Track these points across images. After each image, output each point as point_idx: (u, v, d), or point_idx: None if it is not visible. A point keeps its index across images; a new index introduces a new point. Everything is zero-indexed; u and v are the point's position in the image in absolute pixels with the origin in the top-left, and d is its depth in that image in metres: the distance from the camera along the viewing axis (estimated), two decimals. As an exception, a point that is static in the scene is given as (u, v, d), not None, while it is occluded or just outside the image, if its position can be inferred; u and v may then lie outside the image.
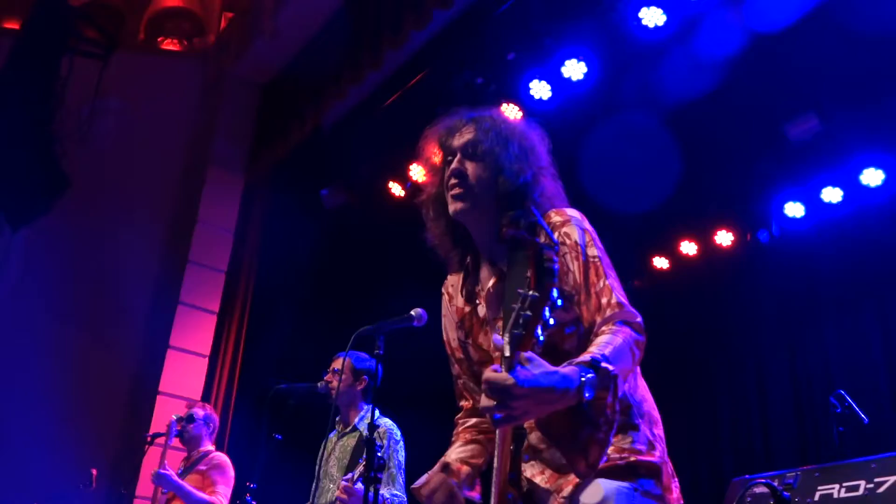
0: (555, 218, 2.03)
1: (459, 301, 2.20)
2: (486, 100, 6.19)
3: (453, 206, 2.07)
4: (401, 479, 4.04)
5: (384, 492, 3.82)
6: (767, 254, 6.88)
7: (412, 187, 6.98)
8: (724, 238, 6.93)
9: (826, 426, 4.81)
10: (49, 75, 6.49)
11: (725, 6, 5.27)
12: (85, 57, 7.05)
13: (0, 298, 7.17)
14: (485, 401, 1.56)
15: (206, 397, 6.82)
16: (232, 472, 4.94)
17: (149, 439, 5.42)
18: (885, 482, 1.79)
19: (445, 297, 2.30)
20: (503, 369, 1.54)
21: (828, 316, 6.81)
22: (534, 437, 1.90)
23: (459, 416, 2.25)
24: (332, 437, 4.33)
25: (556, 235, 1.95)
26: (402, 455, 4.11)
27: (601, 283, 1.89)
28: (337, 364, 4.24)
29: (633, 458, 1.83)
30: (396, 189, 7.08)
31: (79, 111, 7.07)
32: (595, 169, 6.34)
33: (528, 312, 1.53)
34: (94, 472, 5.37)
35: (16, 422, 6.64)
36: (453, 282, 2.28)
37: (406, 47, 6.14)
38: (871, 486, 1.81)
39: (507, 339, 1.56)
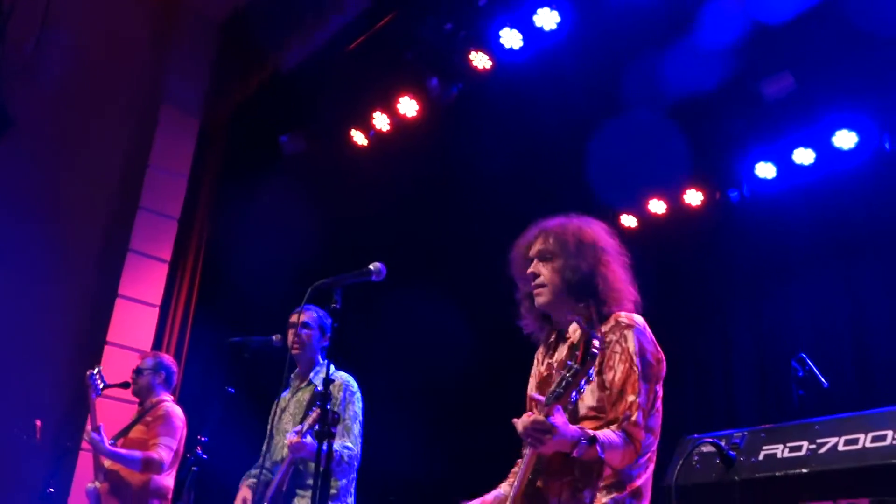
0: (622, 319, 2.55)
1: (543, 367, 2.74)
2: (455, 47, 6.21)
3: (537, 301, 2.67)
4: (356, 431, 4.13)
5: (336, 444, 3.92)
6: (737, 214, 6.98)
7: (375, 136, 6.98)
8: (693, 197, 7.03)
9: (787, 389, 4.97)
10: (-10, 7, 6.35)
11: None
12: (29, -13, 6.89)
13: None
14: (524, 432, 2.22)
15: (156, 348, 6.83)
16: (180, 423, 4.95)
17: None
18: (826, 443, 1.91)
19: (535, 362, 2.82)
20: (542, 413, 2.19)
21: (795, 279, 6.96)
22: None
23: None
24: (286, 395, 4.39)
25: (616, 335, 2.49)
26: (358, 406, 4.19)
27: (631, 399, 2.38)
28: (294, 318, 4.29)
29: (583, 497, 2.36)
30: (359, 137, 7.07)
31: (23, 47, 6.92)
32: (563, 123, 6.41)
33: (570, 378, 2.18)
34: (39, 423, 5.37)
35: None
36: (539, 351, 2.82)
37: (373, -12, 6.12)
38: (813, 446, 1.92)
39: (550, 394, 2.20)
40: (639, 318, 2.57)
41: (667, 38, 5.76)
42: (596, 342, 2.19)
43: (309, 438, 3.81)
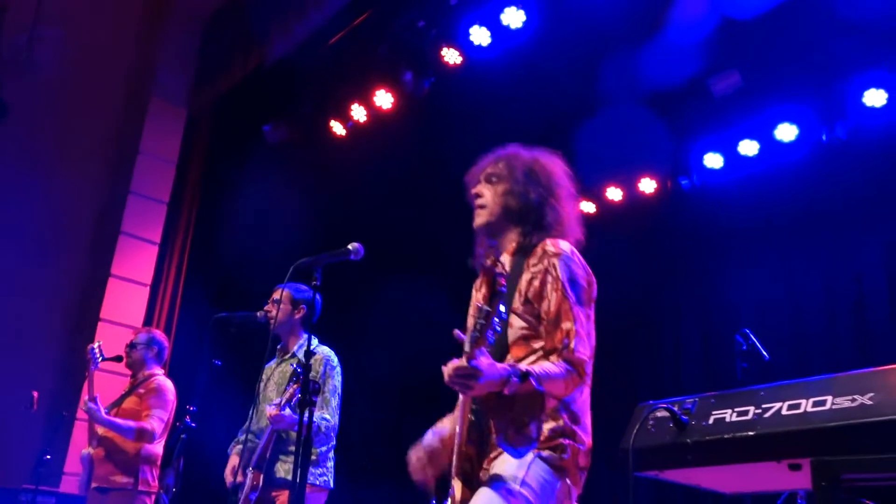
0: (549, 248, 2.39)
1: (479, 295, 2.47)
2: (428, 43, 6.17)
3: (475, 222, 2.52)
4: (334, 403, 4.12)
5: (315, 416, 3.90)
6: (687, 201, 7.03)
7: (353, 126, 6.94)
8: (647, 185, 7.07)
9: (731, 361, 5.02)
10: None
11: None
12: (23, -18, 6.74)
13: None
14: (450, 379, 2.08)
15: (147, 325, 6.78)
16: (171, 396, 4.92)
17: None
18: (770, 408, 1.91)
19: (473, 290, 2.62)
20: (464, 359, 2.05)
21: (739, 260, 7.02)
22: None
23: None
24: (272, 364, 4.37)
25: (546, 263, 2.35)
26: (338, 380, 4.18)
27: (567, 326, 2.26)
28: (276, 294, 4.26)
29: (548, 438, 2.24)
30: (338, 128, 7.02)
31: (17, 40, 6.79)
32: (528, 115, 6.39)
33: (483, 321, 2.05)
34: (36, 394, 5.31)
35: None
36: (478, 280, 2.59)
37: (351, -15, 6.06)
38: (758, 411, 1.93)
39: (468, 339, 2.07)
40: (565, 245, 2.41)
41: (625, 38, 5.76)
42: (501, 280, 2.09)
43: (287, 411, 3.81)
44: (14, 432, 5.88)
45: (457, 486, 2.21)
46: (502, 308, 2.06)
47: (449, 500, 2.24)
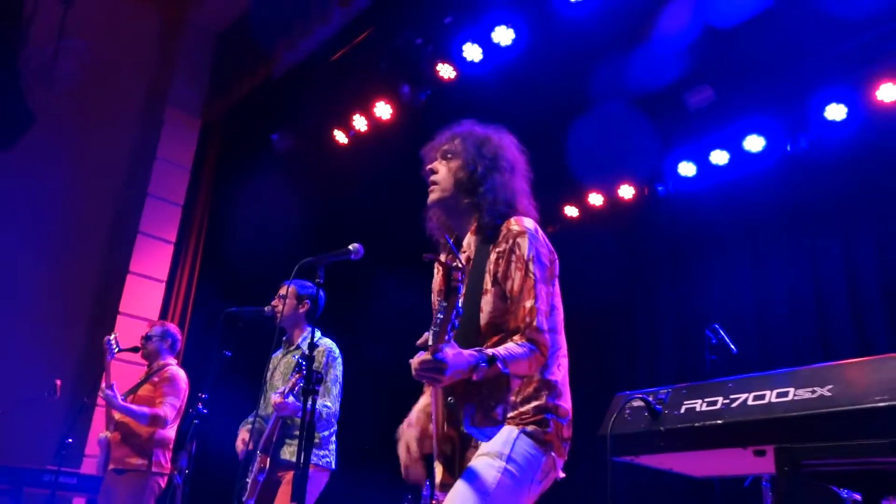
0: (513, 226, 2.25)
1: (438, 278, 2.44)
2: (424, 59, 6.16)
3: (429, 199, 2.37)
4: (335, 391, 4.11)
5: (317, 403, 3.90)
6: (662, 206, 7.07)
7: (355, 135, 6.93)
8: (626, 191, 7.10)
9: (702, 354, 5.03)
10: (13, 16, 6.16)
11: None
12: (49, -1, 6.70)
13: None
14: (417, 374, 1.98)
15: (163, 318, 6.76)
16: (183, 385, 4.91)
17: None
18: (737, 398, 1.92)
19: (435, 273, 2.48)
20: (429, 353, 1.93)
21: (709, 261, 7.05)
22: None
23: None
24: (278, 354, 4.37)
25: (510, 243, 2.21)
26: (339, 370, 4.17)
27: (529, 304, 2.14)
28: (282, 290, 4.26)
29: (531, 415, 2.17)
30: (340, 136, 7.02)
31: (43, 51, 6.75)
32: (517, 126, 6.38)
33: (443, 316, 1.93)
34: (59, 382, 5.29)
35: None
36: (438, 263, 2.44)
37: (353, 6, 6.03)
38: (726, 401, 1.93)
39: (431, 334, 1.95)
40: (528, 223, 2.27)
41: (606, 56, 5.77)
42: (457, 274, 1.92)
43: (291, 399, 3.81)
44: (38, 417, 5.85)
45: (438, 469, 2.17)
46: (460, 303, 1.93)
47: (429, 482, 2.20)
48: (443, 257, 2.31)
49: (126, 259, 6.93)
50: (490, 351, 2.05)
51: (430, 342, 1.95)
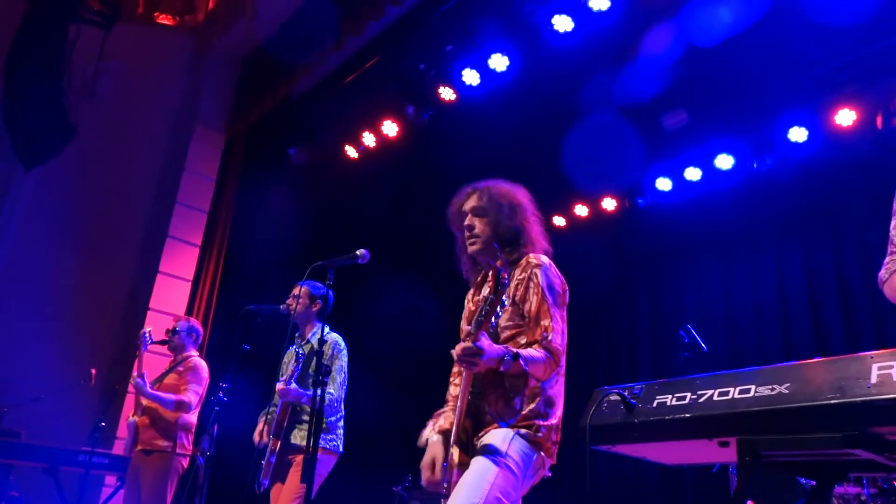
0: (532, 260, 2.47)
1: (472, 305, 2.64)
2: (427, 82, 6.17)
3: (471, 249, 2.57)
4: (339, 379, 4.07)
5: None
6: (641, 217, 7.06)
7: (364, 151, 6.94)
8: (608, 204, 7.10)
9: (676, 352, 5.02)
10: (59, 39, 6.18)
11: (627, 23, 5.33)
12: (90, 25, 6.73)
13: (14, 227, 6.92)
14: (458, 358, 2.16)
15: (188, 314, 6.75)
16: (205, 374, 4.89)
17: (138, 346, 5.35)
18: (704, 394, 1.91)
19: (466, 301, 2.69)
20: (469, 340, 2.13)
21: (683, 267, 7.06)
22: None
23: (452, 375, 2.64)
24: (292, 349, 4.36)
25: (528, 272, 2.42)
26: (344, 361, 4.12)
27: (546, 323, 2.33)
28: (296, 290, 4.25)
29: (525, 419, 2.30)
30: (351, 151, 7.03)
31: (84, 71, 6.77)
32: (511, 143, 6.41)
33: (488, 308, 2.11)
34: (94, 371, 5.29)
35: (29, 330, 6.49)
36: (470, 292, 2.69)
37: (363, 35, 6.05)
38: (694, 396, 1.93)
39: (473, 322, 2.14)
40: (544, 258, 2.49)
41: (588, 81, 5.78)
42: (504, 274, 2.16)
43: (294, 385, 3.81)
44: (74, 402, 5.84)
45: (455, 451, 2.27)
46: (504, 299, 2.12)
47: (447, 463, 2.29)
48: (497, 263, 2.49)
49: (156, 260, 6.93)
50: (514, 349, 2.23)
51: (471, 329, 2.13)
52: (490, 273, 2.51)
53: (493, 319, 2.10)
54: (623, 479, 6.58)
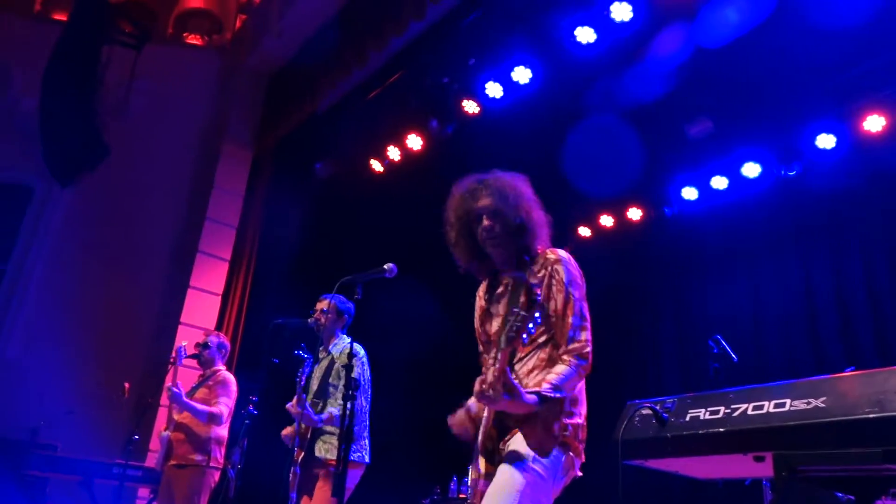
0: (549, 256, 2.40)
1: (482, 301, 2.57)
2: (451, 96, 6.19)
3: (490, 251, 2.49)
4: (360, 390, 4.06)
5: (335, 406, 3.91)
6: (667, 227, 6.98)
7: (389, 164, 6.96)
8: (634, 214, 7.04)
9: (705, 363, 4.94)
10: (92, 61, 6.32)
11: (650, 33, 5.30)
12: (122, 46, 6.87)
13: (49, 244, 7.06)
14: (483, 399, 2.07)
15: (218, 328, 6.80)
16: (235, 387, 4.93)
17: (172, 359, 5.41)
18: (738, 408, 1.88)
19: (477, 298, 2.63)
20: (496, 364, 2.02)
21: (710, 277, 6.96)
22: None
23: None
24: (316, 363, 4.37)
25: (549, 269, 2.35)
26: (363, 370, 4.13)
27: (570, 320, 2.27)
28: (323, 304, 4.26)
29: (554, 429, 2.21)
30: (376, 165, 7.06)
31: (116, 91, 6.90)
32: (535, 155, 6.38)
33: (519, 324, 2.00)
34: (127, 385, 5.35)
35: (63, 345, 6.60)
36: (480, 289, 2.63)
37: (387, 50, 6.09)
38: (728, 411, 1.89)
39: (503, 338, 2.01)
40: (562, 252, 2.43)
41: (613, 91, 5.75)
42: (536, 289, 2.05)
43: (307, 404, 3.81)
44: (108, 416, 5.92)
45: (481, 461, 2.24)
46: (537, 315, 2.02)
47: (471, 471, 2.28)
48: (480, 292, 2.50)
49: (187, 275, 7.00)
50: (545, 391, 2.14)
51: (502, 345, 2.02)
52: (510, 281, 2.46)
53: (524, 336, 1.99)
54: (650, 492, 6.48)
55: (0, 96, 7.45)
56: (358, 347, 4.18)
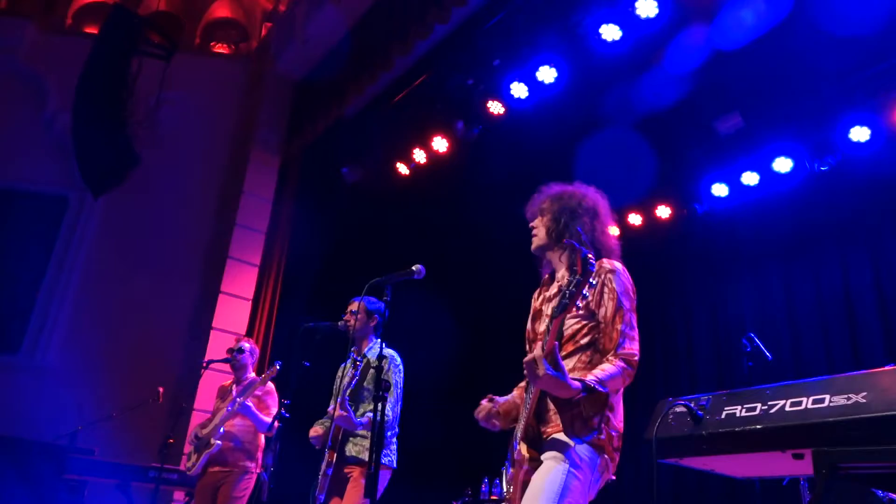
0: (605, 265, 2.45)
1: (537, 303, 2.65)
2: (476, 97, 6.19)
3: (532, 246, 2.63)
4: (393, 397, 4.06)
5: (369, 409, 3.91)
6: (697, 225, 6.89)
7: (415, 167, 6.98)
8: (663, 212, 6.95)
9: (738, 361, 4.87)
10: (122, 72, 6.43)
11: (675, 28, 5.24)
12: (151, 57, 6.97)
13: (84, 254, 7.20)
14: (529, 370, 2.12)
15: (249, 332, 6.88)
16: (276, 396, 5.02)
17: (205, 364, 5.48)
18: (775, 405, 1.85)
19: (532, 301, 2.70)
20: (539, 346, 2.13)
21: (743, 275, 6.85)
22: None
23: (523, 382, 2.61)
24: (347, 364, 4.39)
25: (602, 277, 2.40)
26: (399, 377, 4.12)
27: (620, 328, 2.32)
28: (353, 307, 4.28)
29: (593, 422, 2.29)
30: (403, 168, 7.08)
31: (146, 101, 7.02)
32: (561, 155, 6.36)
33: (574, 289, 2.07)
34: (161, 389, 5.43)
35: (100, 351, 6.72)
36: (536, 292, 2.70)
37: (412, 54, 6.11)
38: (765, 407, 1.86)
39: (556, 307, 2.14)
40: (617, 264, 2.49)
41: (640, 88, 5.71)
42: (590, 256, 2.13)
43: (348, 406, 3.82)
44: (144, 420, 6.01)
45: (522, 447, 2.28)
46: (592, 278, 2.10)
47: (510, 458, 2.32)
48: (563, 277, 2.50)
49: (218, 280, 7.09)
50: (590, 381, 2.18)
51: (553, 315, 2.11)
52: (556, 274, 2.54)
53: (578, 302, 2.08)
54: (686, 492, 6.39)
55: (36, 110, 7.64)
56: (393, 353, 4.18)
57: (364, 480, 3.67)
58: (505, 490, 2.38)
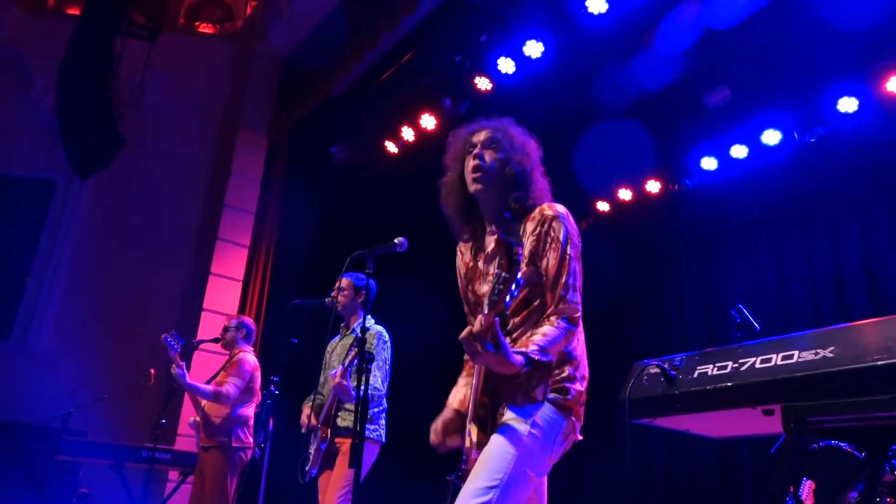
0: (547, 211, 2.21)
1: (467, 257, 2.40)
2: (463, 74, 6.17)
3: (473, 187, 2.25)
4: (381, 373, 4.07)
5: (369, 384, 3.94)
6: (687, 199, 6.91)
7: (403, 145, 6.98)
8: (653, 186, 6.96)
9: (728, 333, 4.91)
10: (106, 53, 6.40)
11: (663, 3, 5.22)
12: (135, 38, 6.94)
13: (74, 236, 7.20)
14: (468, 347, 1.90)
15: (240, 313, 6.90)
16: (248, 367, 4.94)
17: (195, 344, 5.52)
18: (746, 363, 1.88)
19: (458, 255, 2.46)
20: (477, 322, 1.87)
21: (733, 247, 6.89)
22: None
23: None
24: (336, 339, 4.42)
25: (545, 226, 2.17)
26: (387, 353, 4.15)
27: (563, 280, 2.11)
28: (339, 282, 4.31)
29: (554, 384, 2.11)
30: (391, 147, 7.07)
31: (131, 82, 6.99)
32: (550, 130, 6.34)
33: (501, 286, 1.87)
34: (153, 371, 5.45)
35: (93, 334, 6.75)
36: (463, 244, 2.45)
37: (398, 30, 6.09)
38: (735, 365, 1.89)
39: (487, 301, 1.88)
40: (560, 207, 2.23)
41: (627, 61, 5.69)
42: (517, 248, 1.93)
43: (354, 382, 3.83)
44: (137, 401, 6.05)
45: (473, 429, 2.14)
46: (520, 275, 1.88)
47: (466, 442, 2.15)
48: (500, 236, 2.27)
49: (207, 262, 7.10)
50: (532, 353, 2.00)
51: (485, 309, 1.88)
52: (494, 238, 2.27)
53: (507, 298, 1.86)
54: (679, 463, 6.47)
55: (21, 94, 7.60)
56: (381, 329, 4.21)
57: (350, 451, 3.71)
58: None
